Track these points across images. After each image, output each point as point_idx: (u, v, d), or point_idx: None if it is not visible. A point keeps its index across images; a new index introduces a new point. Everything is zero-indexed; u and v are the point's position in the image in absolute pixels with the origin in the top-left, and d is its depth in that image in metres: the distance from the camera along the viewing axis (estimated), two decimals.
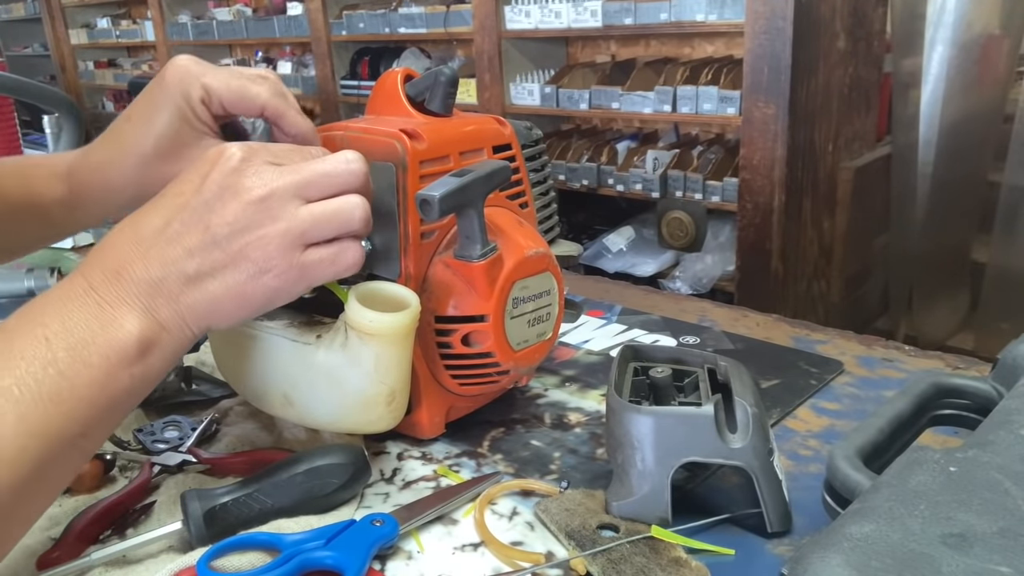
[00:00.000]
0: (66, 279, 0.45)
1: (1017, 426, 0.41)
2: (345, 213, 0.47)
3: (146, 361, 0.44)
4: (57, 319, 0.42)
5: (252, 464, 0.57)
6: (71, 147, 1.17)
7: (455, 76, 0.59)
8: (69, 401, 0.41)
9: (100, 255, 0.45)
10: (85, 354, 0.41)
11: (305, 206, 0.46)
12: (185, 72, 0.54)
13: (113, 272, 0.44)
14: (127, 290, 0.44)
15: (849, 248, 2.20)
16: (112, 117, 0.59)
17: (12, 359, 0.40)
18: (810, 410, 0.65)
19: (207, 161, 0.46)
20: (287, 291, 0.47)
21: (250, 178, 0.45)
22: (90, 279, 0.44)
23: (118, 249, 0.45)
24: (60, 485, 0.43)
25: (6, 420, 0.39)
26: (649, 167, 2.29)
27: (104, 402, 0.42)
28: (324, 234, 0.47)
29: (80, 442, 0.42)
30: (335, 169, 0.47)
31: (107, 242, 0.46)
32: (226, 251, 0.45)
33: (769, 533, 0.49)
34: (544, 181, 0.80)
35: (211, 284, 0.45)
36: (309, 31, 3.13)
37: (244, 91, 0.54)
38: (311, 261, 0.47)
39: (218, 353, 0.62)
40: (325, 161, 0.48)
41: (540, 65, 2.59)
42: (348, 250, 0.48)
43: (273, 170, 0.46)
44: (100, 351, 0.42)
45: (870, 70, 2.17)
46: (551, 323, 0.60)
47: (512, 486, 0.55)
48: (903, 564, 0.32)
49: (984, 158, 2.01)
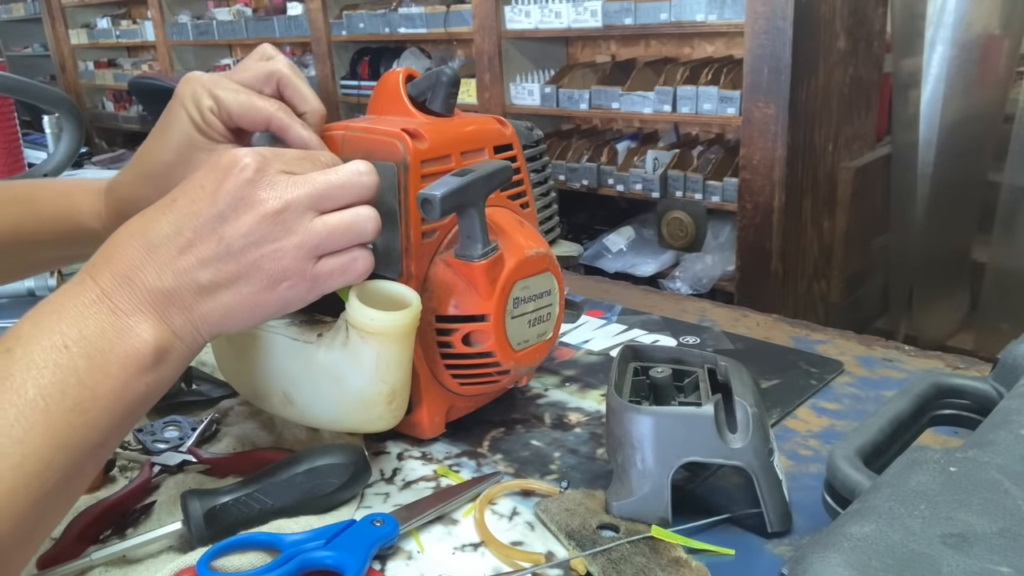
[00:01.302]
0: (73, 282, 0.44)
1: (1017, 426, 0.41)
2: (359, 226, 0.48)
3: (160, 370, 0.44)
4: (74, 327, 0.42)
5: (252, 464, 0.57)
6: (71, 147, 1.17)
7: (456, 76, 0.59)
8: (91, 411, 0.41)
9: (107, 259, 0.45)
10: (104, 363, 0.41)
11: (319, 218, 0.47)
12: (197, 84, 0.56)
13: (124, 277, 0.44)
14: (140, 297, 0.44)
15: (849, 248, 2.20)
16: (112, 117, 0.60)
17: (34, 369, 0.40)
18: (810, 410, 0.65)
19: (220, 169, 0.46)
20: (299, 300, 0.48)
21: (264, 190, 0.45)
22: (100, 283, 0.43)
23: (127, 254, 0.44)
24: (79, 495, 0.44)
25: (35, 432, 0.39)
26: (649, 167, 2.29)
27: (122, 411, 0.42)
28: (337, 245, 0.47)
29: (98, 451, 0.42)
30: (348, 181, 0.48)
31: (114, 246, 0.45)
32: (240, 262, 0.45)
33: (769, 533, 0.49)
34: (545, 181, 0.80)
35: (224, 295, 0.45)
36: (309, 31, 3.13)
37: (250, 105, 0.55)
38: (324, 271, 0.47)
39: (218, 352, 0.62)
40: (338, 172, 0.48)
41: (540, 65, 2.59)
42: (359, 259, 0.49)
43: (287, 181, 0.46)
44: (118, 360, 0.42)
45: (870, 70, 2.17)
46: (551, 323, 0.60)
47: (512, 486, 0.55)
48: (903, 564, 0.32)
49: (984, 158, 2.01)
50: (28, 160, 1.43)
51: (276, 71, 0.56)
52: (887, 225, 2.23)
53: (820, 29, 1.93)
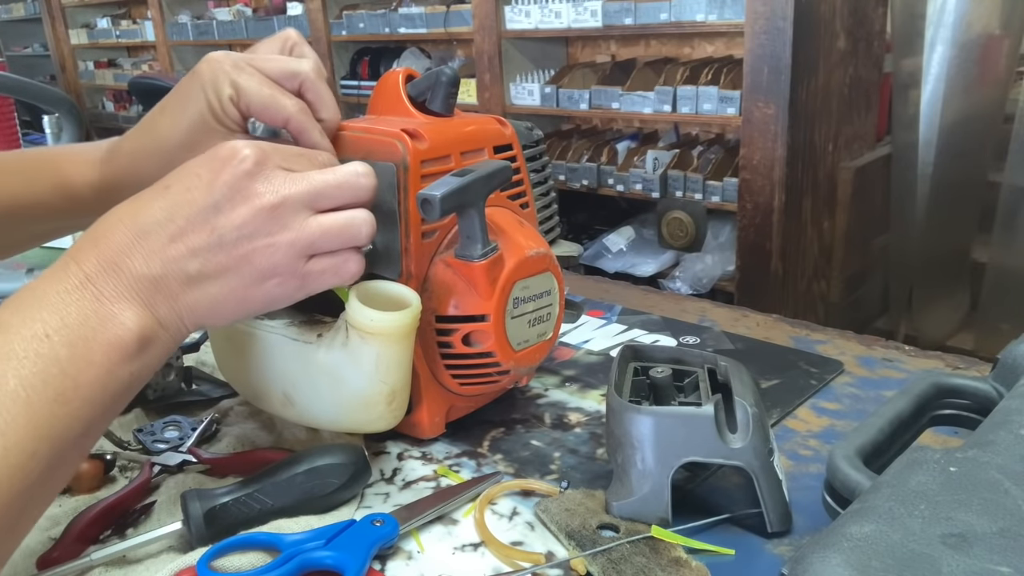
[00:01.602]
0: (56, 266, 0.43)
1: (1017, 426, 0.41)
2: (353, 228, 0.47)
3: (143, 358, 0.44)
4: (56, 315, 0.41)
5: (252, 464, 0.57)
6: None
7: (456, 76, 0.59)
8: (74, 401, 0.40)
9: (94, 242, 0.44)
10: (87, 352, 0.41)
11: (314, 217, 0.46)
12: (219, 68, 0.54)
13: (110, 263, 0.43)
14: (126, 284, 0.43)
15: (849, 248, 2.20)
16: (112, 117, 0.60)
17: (14, 359, 0.39)
18: (810, 410, 0.65)
19: (218, 159, 0.45)
20: (287, 297, 0.48)
21: (262, 183, 0.45)
22: (85, 268, 0.43)
23: (115, 238, 0.44)
24: (62, 485, 0.43)
25: (17, 423, 0.38)
26: (649, 167, 2.29)
27: (106, 399, 0.42)
28: (330, 246, 0.47)
29: (82, 441, 0.42)
30: (346, 181, 0.47)
31: (102, 228, 0.45)
32: (231, 255, 0.45)
33: (769, 533, 0.49)
34: (545, 181, 0.81)
35: (212, 286, 0.45)
36: (309, 31, 3.12)
37: (273, 102, 0.54)
38: (314, 271, 0.47)
39: (218, 352, 0.62)
40: (336, 172, 0.48)
41: (540, 65, 2.59)
42: (350, 261, 0.48)
43: (285, 176, 0.46)
44: (102, 348, 0.41)
45: (870, 70, 2.17)
46: (551, 323, 0.60)
47: (512, 486, 0.55)
48: (903, 564, 0.32)
49: (984, 158, 2.01)
50: None
51: (301, 73, 0.55)
52: (887, 225, 2.23)
53: (820, 29, 1.92)
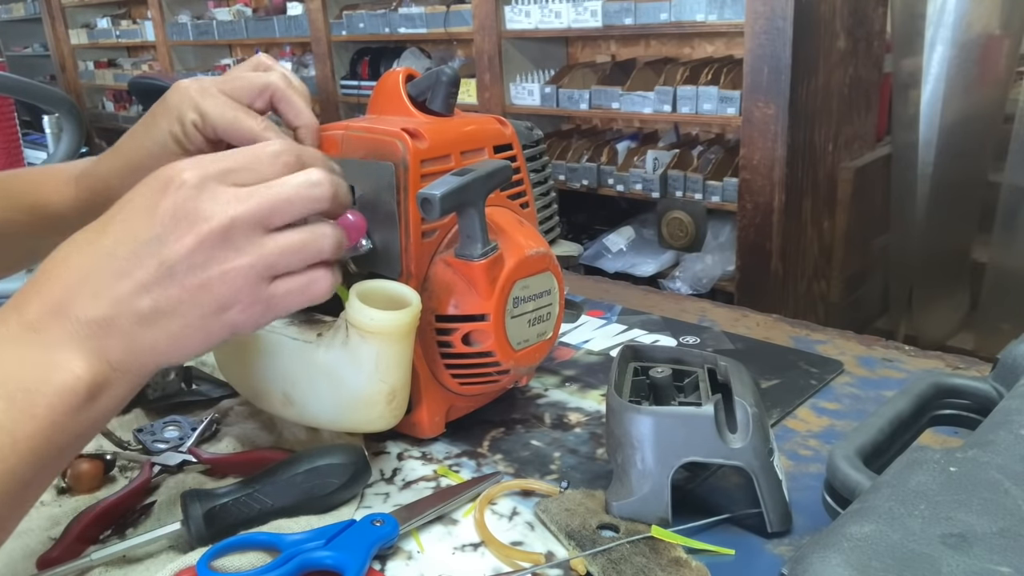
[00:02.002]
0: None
1: (1017, 426, 0.41)
2: (315, 244, 0.44)
3: (96, 406, 0.41)
4: None
5: (252, 464, 0.57)
6: (71, 147, 1.17)
7: (456, 76, 0.59)
8: (11, 459, 0.37)
9: (37, 288, 0.41)
10: (28, 404, 0.38)
11: (270, 236, 0.43)
12: (185, 94, 0.55)
13: (54, 307, 0.40)
14: (72, 329, 0.40)
15: (849, 248, 2.20)
16: (112, 117, 0.60)
17: None
18: (810, 410, 0.65)
19: (157, 187, 0.42)
20: (253, 324, 0.44)
21: (206, 204, 0.41)
22: (26, 315, 0.40)
23: (57, 280, 0.41)
24: (15, 525, 0.40)
25: None
26: (649, 167, 2.29)
27: (52, 452, 0.39)
28: (292, 266, 0.44)
29: (25, 492, 0.39)
30: (298, 194, 0.43)
31: (45, 272, 0.42)
32: (184, 286, 0.41)
33: (769, 533, 0.49)
34: (545, 181, 0.81)
35: (169, 322, 0.41)
36: (309, 31, 3.13)
37: (238, 123, 0.54)
38: (279, 293, 0.44)
39: (218, 352, 0.62)
40: (285, 184, 0.43)
41: (540, 65, 2.59)
42: (318, 280, 0.45)
43: (230, 194, 0.42)
44: (45, 400, 0.38)
45: (870, 70, 2.17)
46: (551, 323, 0.60)
47: (512, 486, 0.55)
48: (903, 564, 0.32)
49: (984, 158, 2.01)
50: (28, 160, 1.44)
51: (270, 84, 0.55)
52: (887, 225, 2.23)
53: (820, 29, 1.93)
